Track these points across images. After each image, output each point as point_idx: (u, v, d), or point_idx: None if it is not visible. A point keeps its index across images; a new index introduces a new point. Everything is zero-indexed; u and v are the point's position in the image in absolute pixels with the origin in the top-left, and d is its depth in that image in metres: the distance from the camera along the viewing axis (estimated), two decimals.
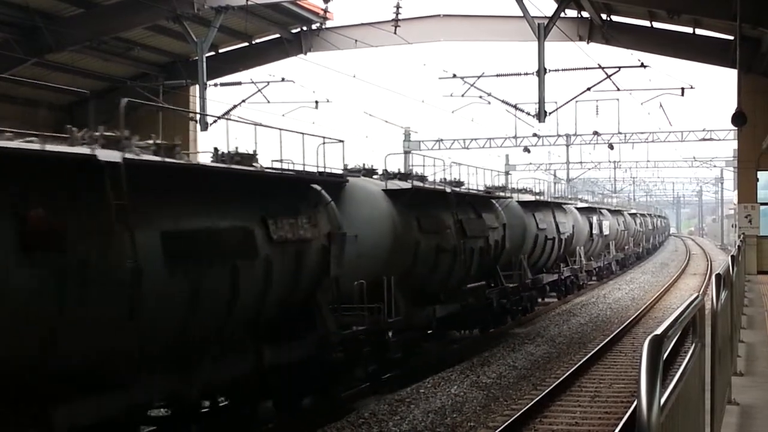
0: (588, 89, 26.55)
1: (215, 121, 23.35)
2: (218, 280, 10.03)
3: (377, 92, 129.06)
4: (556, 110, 26.46)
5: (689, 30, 26.40)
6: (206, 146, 30.33)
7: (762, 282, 22.58)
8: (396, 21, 24.31)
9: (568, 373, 15.51)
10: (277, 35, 28.08)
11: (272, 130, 12.99)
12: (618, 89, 27.55)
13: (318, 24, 27.66)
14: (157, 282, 8.91)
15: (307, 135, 13.48)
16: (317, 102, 27.12)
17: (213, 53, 27.20)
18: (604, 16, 26.16)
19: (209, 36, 24.23)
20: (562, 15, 23.89)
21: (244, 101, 26.31)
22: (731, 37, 23.62)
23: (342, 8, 75.43)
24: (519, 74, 25.66)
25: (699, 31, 26.43)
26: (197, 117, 24.91)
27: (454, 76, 26.99)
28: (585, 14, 26.04)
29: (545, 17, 23.26)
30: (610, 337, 19.98)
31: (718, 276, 6.41)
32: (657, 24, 26.53)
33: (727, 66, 25.32)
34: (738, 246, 15.73)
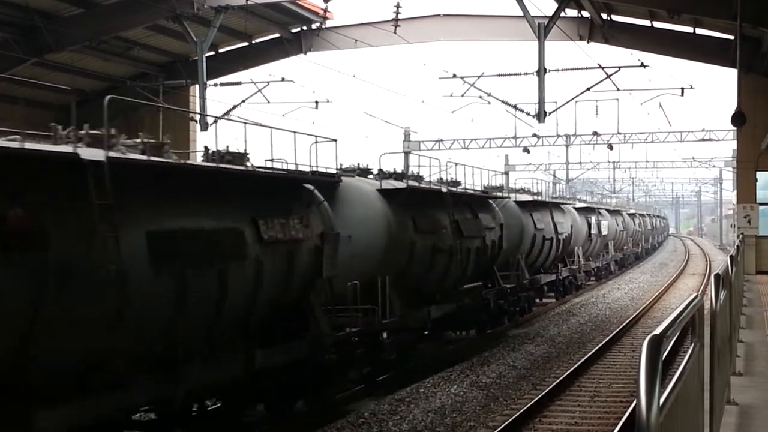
0: (588, 89, 26.58)
1: (215, 121, 23.35)
2: (206, 281, 9.83)
3: (377, 92, 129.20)
4: (556, 110, 26.50)
5: (689, 30, 26.42)
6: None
7: (761, 282, 22.58)
8: (396, 21, 24.33)
9: (568, 373, 15.52)
10: (277, 35, 28.10)
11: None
12: (618, 89, 27.62)
13: (318, 24, 27.69)
14: (142, 283, 8.75)
15: (300, 134, 13.21)
16: (317, 102, 27.18)
17: (213, 53, 27.22)
18: (605, 16, 26.18)
19: (209, 36, 24.24)
20: (562, 15, 23.89)
21: (244, 101, 26.37)
22: (731, 37, 23.64)
23: (342, 8, 75.51)
24: (519, 74, 25.68)
25: (699, 31, 26.44)
26: (197, 117, 24.92)
27: (454, 76, 27.01)
28: (585, 14, 26.06)
29: (545, 17, 23.26)
30: (610, 337, 19.99)
31: (717, 276, 6.42)
32: (657, 24, 26.54)
33: (727, 66, 25.33)
34: (737, 246, 15.73)
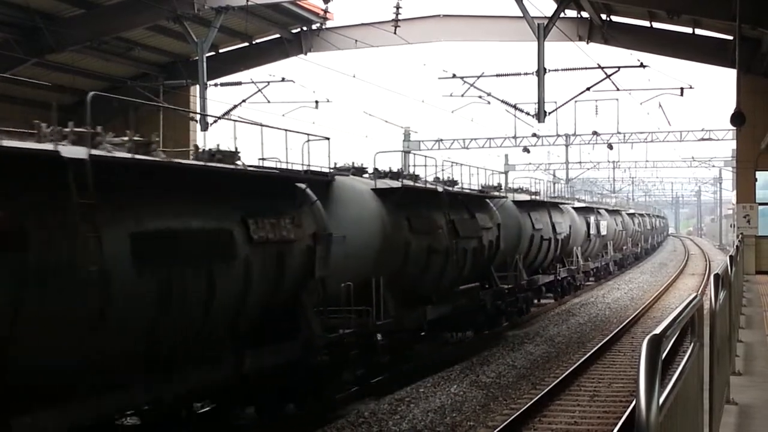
0: (587, 89, 26.58)
1: (215, 121, 23.39)
2: (193, 282, 9.58)
3: (377, 92, 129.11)
4: (556, 110, 26.51)
5: (689, 30, 26.44)
6: (206, 146, 30.28)
7: (760, 282, 22.60)
8: (396, 21, 24.32)
9: (567, 373, 15.56)
10: (278, 35, 28.11)
11: (263, 129, 12.56)
12: (617, 89, 27.63)
13: (318, 24, 27.69)
14: (125, 284, 8.52)
15: (292, 132, 12.91)
16: (317, 102, 27.23)
17: (213, 53, 27.23)
18: (604, 17, 26.19)
19: (209, 36, 24.26)
20: (562, 15, 23.92)
21: (245, 101, 26.41)
22: (730, 38, 23.65)
23: (342, 8, 75.51)
24: (519, 74, 25.69)
25: (698, 32, 26.46)
26: (197, 117, 24.95)
27: (454, 76, 27.03)
28: (585, 14, 26.07)
29: (545, 17, 23.29)
30: (609, 337, 20.03)
31: (717, 276, 6.43)
32: (656, 24, 26.57)
33: (727, 66, 25.35)
34: (736, 246, 15.75)
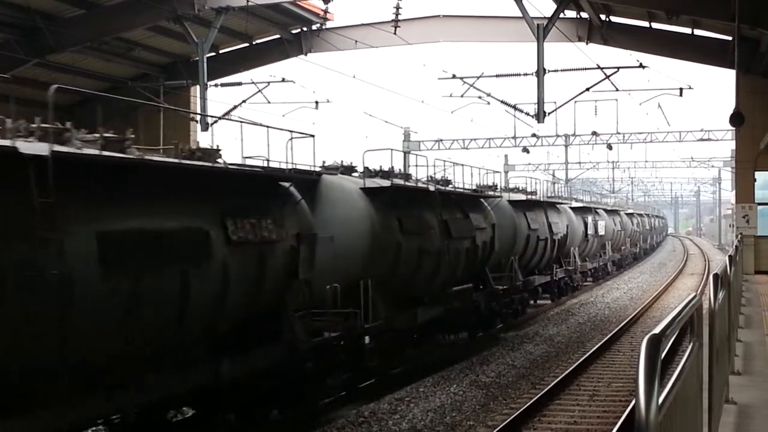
0: (587, 89, 26.61)
1: (216, 122, 23.42)
2: (165, 286, 9.13)
3: (377, 92, 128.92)
4: (555, 110, 26.57)
5: (688, 31, 26.47)
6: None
7: (759, 282, 22.63)
8: (396, 21, 24.35)
9: (567, 372, 15.59)
10: (278, 36, 28.13)
11: (243, 125, 12.42)
12: (617, 89, 27.69)
13: (318, 25, 27.72)
14: (91, 288, 8.08)
15: (274, 129, 12.49)
16: (317, 102, 27.28)
17: (213, 54, 27.25)
18: (603, 17, 26.23)
19: (210, 36, 24.29)
20: (561, 16, 23.96)
21: (245, 101, 26.46)
22: (729, 38, 23.67)
23: (342, 9, 75.52)
24: (518, 75, 25.72)
25: (697, 32, 26.49)
26: (197, 117, 24.98)
27: (454, 77, 27.07)
28: (584, 15, 26.10)
29: (544, 18, 23.33)
30: (609, 337, 20.06)
31: (716, 276, 6.46)
32: (656, 25, 26.60)
33: (726, 66, 25.38)
34: (735, 246, 15.79)
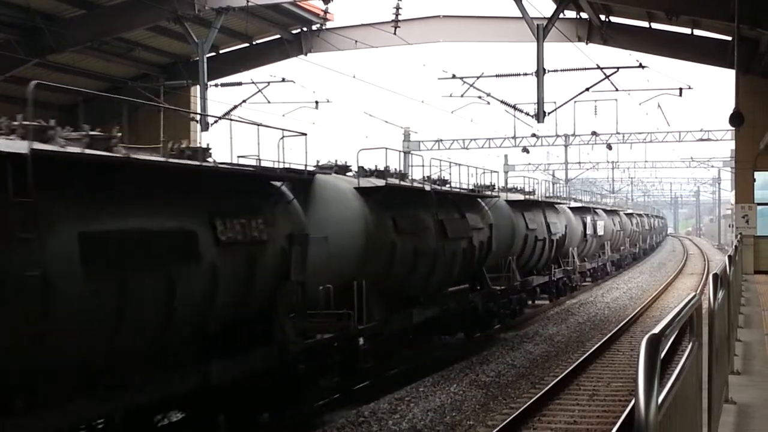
0: (587, 90, 26.63)
1: (216, 122, 23.44)
2: (151, 288, 8.88)
3: (377, 92, 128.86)
4: (555, 110, 26.58)
5: (687, 31, 26.49)
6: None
7: (759, 281, 22.67)
8: (396, 22, 24.36)
9: (567, 372, 15.61)
10: (278, 36, 28.15)
11: (232, 124, 12.25)
12: (616, 89, 27.72)
13: (318, 25, 27.75)
14: (72, 290, 7.86)
15: (265, 127, 12.23)
16: (317, 102, 27.31)
17: (214, 54, 27.27)
18: (603, 17, 26.25)
19: (210, 37, 24.30)
20: (561, 16, 23.97)
21: (245, 101, 26.48)
22: (729, 38, 23.69)
23: (342, 9, 75.51)
24: (518, 75, 25.73)
25: (697, 32, 26.51)
26: (198, 117, 25.00)
27: (454, 77, 27.09)
28: (584, 15, 26.12)
29: (544, 18, 23.35)
30: (608, 336, 20.08)
31: (716, 276, 6.48)
32: (655, 25, 26.62)
33: (725, 66, 25.40)
34: (735, 246, 15.82)
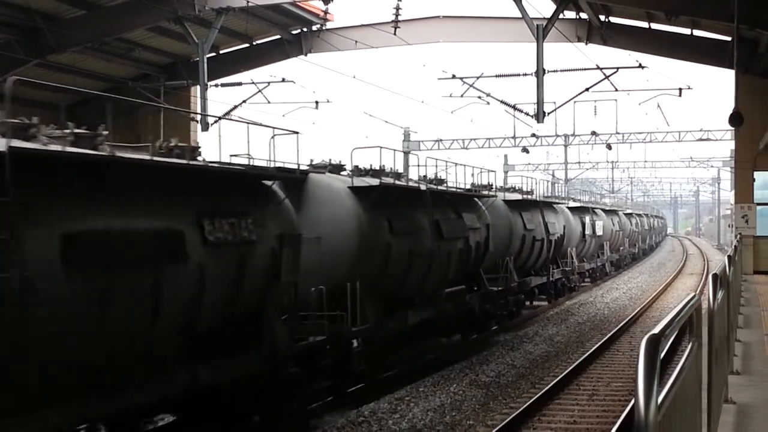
0: (586, 90, 26.66)
1: (216, 122, 23.46)
2: (136, 290, 8.64)
3: (377, 93, 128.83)
4: (555, 111, 26.60)
5: (687, 31, 26.51)
6: (207, 146, 30.37)
7: (758, 282, 22.68)
8: (396, 22, 24.37)
9: (566, 372, 15.63)
10: (278, 36, 28.16)
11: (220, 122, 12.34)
12: (616, 90, 27.75)
13: (318, 25, 27.77)
14: (54, 292, 7.64)
15: (256, 125, 12.16)
16: (317, 102, 27.33)
17: (214, 54, 27.28)
18: (603, 18, 26.26)
19: (210, 37, 24.31)
20: (561, 16, 23.98)
21: (245, 102, 26.51)
22: (728, 38, 23.72)
23: (342, 9, 75.57)
24: (518, 75, 25.77)
25: (696, 32, 26.52)
26: (198, 117, 25.02)
27: (454, 77, 27.13)
28: (583, 15, 26.13)
29: (544, 18, 23.36)
30: (608, 336, 20.10)
31: (715, 276, 6.49)
32: (655, 25, 26.64)
33: (725, 67, 25.41)
34: (735, 246, 15.83)
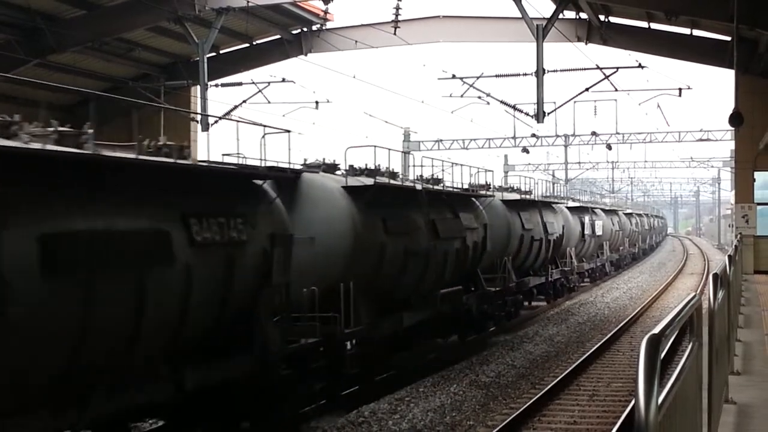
0: (586, 90, 26.65)
1: (216, 122, 23.46)
2: (119, 292, 8.35)
3: (377, 93, 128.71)
4: (555, 111, 26.60)
5: (687, 31, 26.51)
6: (207, 146, 30.32)
7: (759, 281, 22.69)
8: (396, 22, 24.36)
9: (567, 372, 15.62)
10: (278, 36, 28.16)
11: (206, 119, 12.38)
12: (616, 90, 27.74)
13: (318, 25, 27.76)
14: (31, 295, 7.38)
15: (245, 123, 12.08)
16: (317, 102, 27.32)
17: (214, 54, 27.28)
18: (602, 18, 26.26)
19: (210, 37, 24.30)
20: (561, 16, 23.99)
21: (245, 102, 26.50)
22: (728, 38, 23.72)
23: (342, 9, 75.52)
24: (518, 75, 25.76)
25: (696, 32, 26.53)
26: (198, 117, 25.01)
27: (454, 77, 27.11)
28: (583, 15, 26.14)
29: (544, 18, 23.36)
30: (608, 336, 20.09)
31: (716, 276, 6.49)
32: (655, 25, 26.64)
33: (724, 67, 25.41)
34: (735, 246, 15.83)
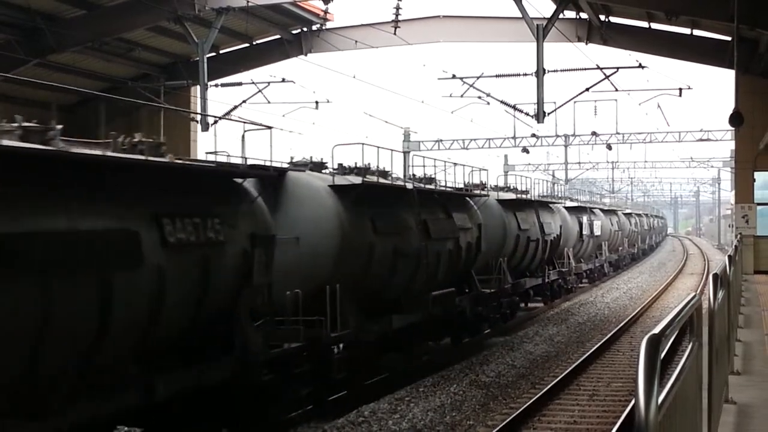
0: (586, 90, 26.67)
1: (216, 122, 23.46)
2: (82, 296, 7.87)
3: (377, 93, 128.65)
4: (555, 111, 26.61)
5: (687, 31, 26.52)
6: (206, 146, 30.25)
7: (759, 281, 22.68)
8: (396, 22, 24.38)
9: (567, 372, 15.62)
10: (278, 36, 28.17)
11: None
12: (616, 90, 27.77)
13: (318, 25, 27.77)
14: None
15: (228, 120, 11.99)
16: (317, 102, 27.36)
17: (214, 54, 27.29)
18: (603, 17, 26.27)
19: (210, 37, 24.32)
20: (561, 16, 24.00)
21: (245, 102, 26.51)
22: (729, 38, 23.72)
23: (342, 9, 75.48)
24: (518, 75, 25.77)
25: (696, 32, 26.53)
26: (198, 117, 25.02)
27: (454, 77, 27.13)
28: (583, 15, 26.15)
29: (544, 18, 23.37)
30: (608, 336, 20.09)
31: (716, 276, 6.49)
32: (655, 25, 26.65)
33: (725, 67, 25.42)
34: (735, 246, 15.83)
